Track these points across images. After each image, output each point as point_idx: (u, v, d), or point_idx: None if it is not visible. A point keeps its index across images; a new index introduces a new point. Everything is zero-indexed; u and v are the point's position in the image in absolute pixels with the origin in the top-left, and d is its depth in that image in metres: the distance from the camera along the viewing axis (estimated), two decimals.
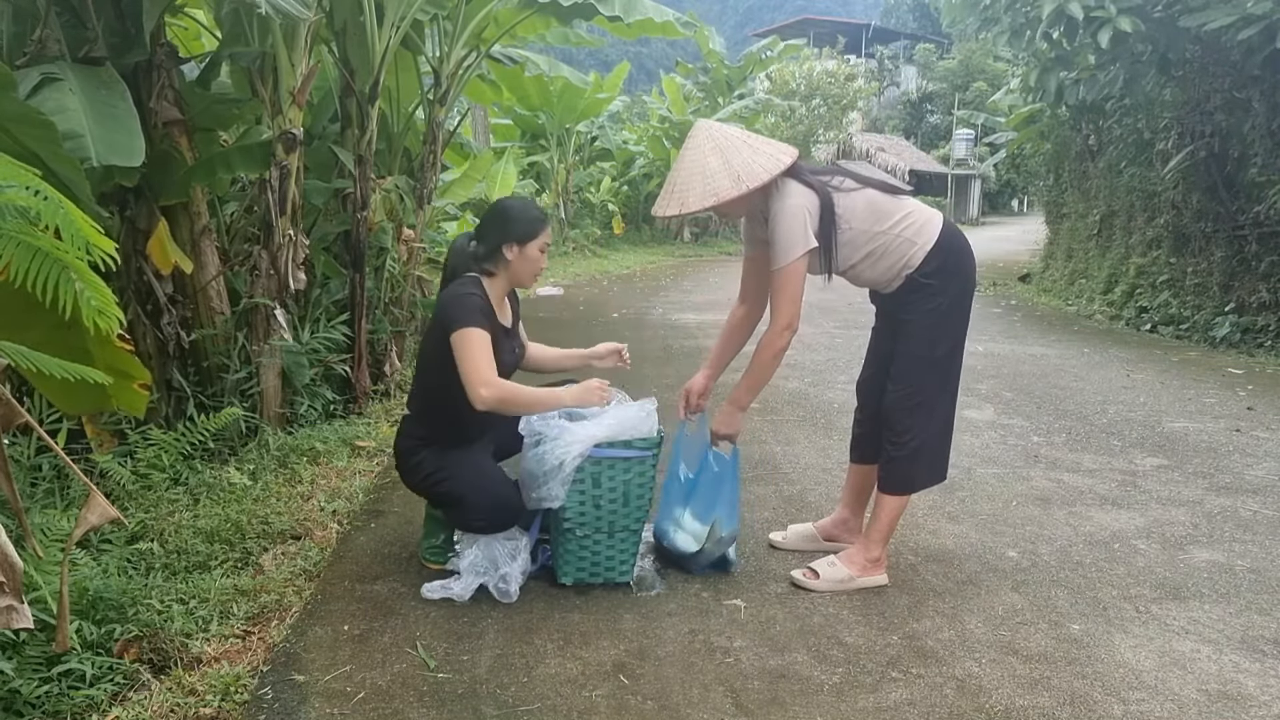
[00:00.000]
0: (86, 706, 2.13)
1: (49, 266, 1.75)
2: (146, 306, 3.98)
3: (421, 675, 2.32)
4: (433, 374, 2.85)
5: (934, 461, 2.91)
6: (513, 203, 2.94)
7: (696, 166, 2.74)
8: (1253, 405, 5.58)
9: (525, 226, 2.83)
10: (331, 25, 4.75)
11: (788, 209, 2.67)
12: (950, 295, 2.78)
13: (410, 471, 2.92)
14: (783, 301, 2.72)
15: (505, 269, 2.86)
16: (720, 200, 2.69)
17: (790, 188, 2.71)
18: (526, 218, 2.85)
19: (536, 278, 2.97)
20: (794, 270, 2.68)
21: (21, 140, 2.50)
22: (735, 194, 2.67)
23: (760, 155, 2.72)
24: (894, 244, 2.74)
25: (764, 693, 2.27)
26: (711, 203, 2.71)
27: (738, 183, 2.67)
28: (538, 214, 2.90)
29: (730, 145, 2.74)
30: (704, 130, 2.81)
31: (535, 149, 16.48)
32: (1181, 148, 8.71)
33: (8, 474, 1.81)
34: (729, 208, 2.76)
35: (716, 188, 2.69)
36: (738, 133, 2.83)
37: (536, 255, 2.86)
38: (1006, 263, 16.47)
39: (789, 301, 2.71)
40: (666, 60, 41.88)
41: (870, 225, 2.74)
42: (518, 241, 2.82)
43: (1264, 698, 2.28)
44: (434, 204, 6.25)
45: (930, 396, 2.82)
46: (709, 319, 9.23)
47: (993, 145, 23.54)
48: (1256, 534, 3.41)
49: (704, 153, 2.75)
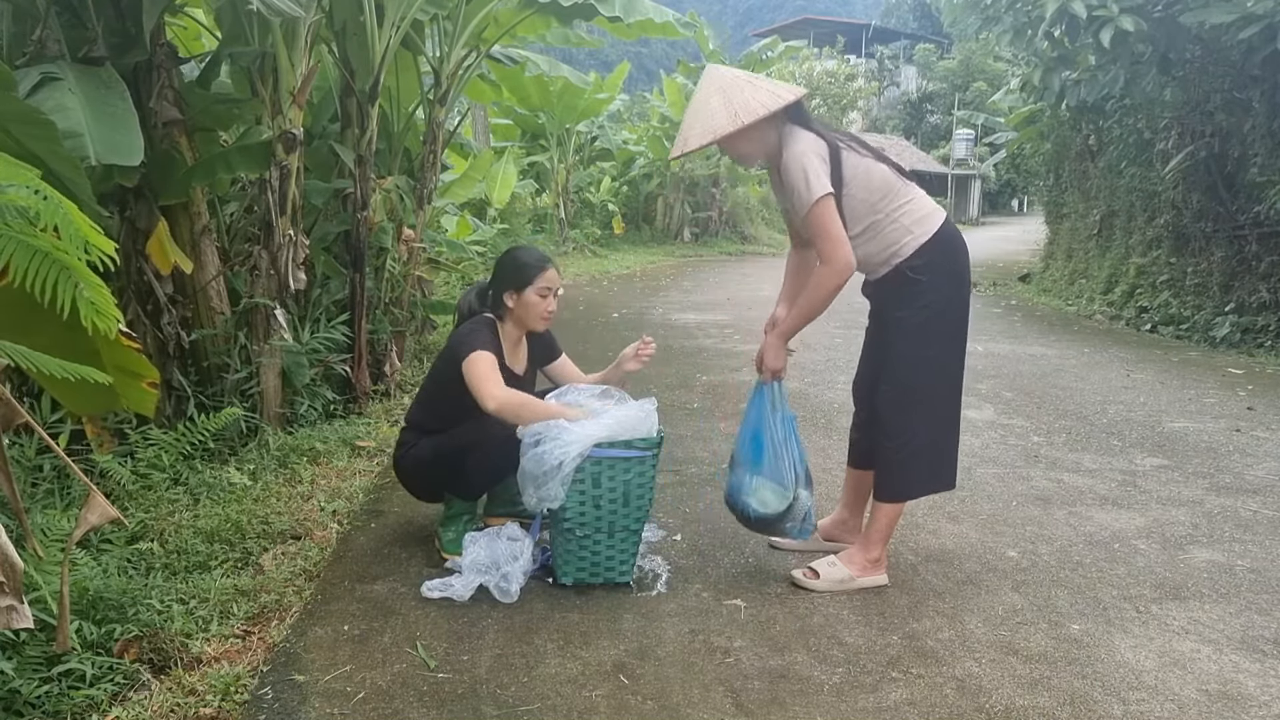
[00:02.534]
0: (86, 706, 2.13)
1: (49, 267, 1.75)
2: (146, 306, 3.98)
3: (421, 675, 2.32)
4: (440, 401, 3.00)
5: (934, 468, 2.87)
6: (514, 251, 3.11)
7: (700, 107, 2.75)
8: (1253, 405, 5.58)
9: (520, 273, 2.99)
10: (331, 25, 4.75)
11: (795, 155, 2.65)
12: (942, 294, 2.75)
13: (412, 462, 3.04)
14: (824, 243, 2.65)
15: (510, 315, 3.03)
16: (717, 137, 2.69)
17: (798, 134, 2.70)
18: (521, 264, 3.01)
19: (546, 321, 3.06)
20: (820, 211, 2.62)
21: (21, 139, 2.49)
22: (731, 129, 2.66)
23: (760, 92, 2.70)
24: (888, 226, 2.72)
25: (764, 693, 2.27)
26: (709, 139, 2.71)
27: (734, 119, 2.66)
28: (535, 260, 3.02)
29: (733, 84, 2.73)
30: (711, 73, 2.82)
31: (535, 149, 16.47)
32: (1182, 148, 8.71)
33: (8, 474, 1.81)
34: (733, 146, 2.77)
35: (715, 125, 2.69)
36: (744, 74, 2.82)
37: (536, 300, 2.99)
38: (1006, 263, 16.47)
39: (831, 242, 2.64)
40: (667, 60, 41.86)
41: (872, 198, 2.72)
42: (515, 289, 3.00)
43: (1264, 698, 2.28)
44: (434, 204, 6.26)
45: (924, 398, 2.79)
46: (709, 319, 9.24)
47: (993, 145, 23.56)
48: (1256, 534, 3.41)
49: (708, 94, 2.75)
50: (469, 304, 3.16)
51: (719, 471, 4.06)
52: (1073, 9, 7.41)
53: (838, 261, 2.64)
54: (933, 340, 2.77)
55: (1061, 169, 12.84)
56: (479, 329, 2.99)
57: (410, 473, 3.11)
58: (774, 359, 2.87)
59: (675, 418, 4.98)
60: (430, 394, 3.14)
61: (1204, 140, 8.41)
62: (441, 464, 3.00)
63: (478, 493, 3.11)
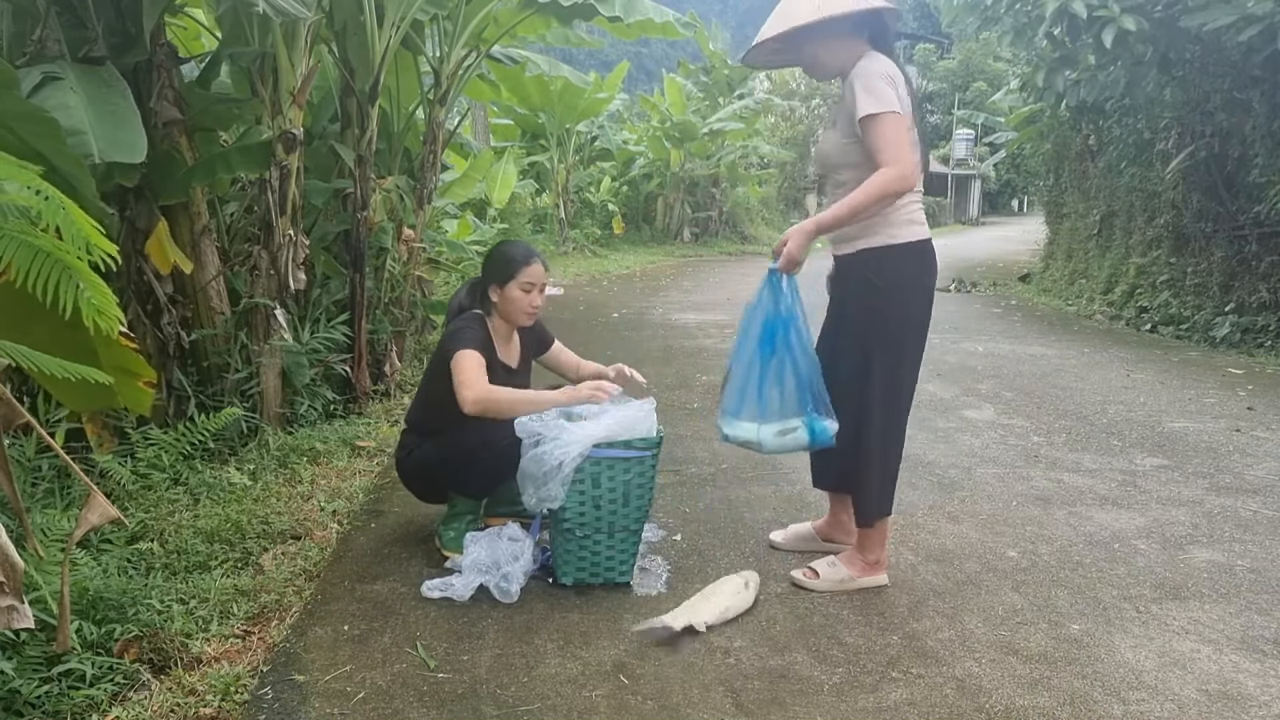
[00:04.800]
0: (86, 706, 2.13)
1: (50, 266, 1.75)
2: (146, 306, 3.99)
3: (421, 675, 2.32)
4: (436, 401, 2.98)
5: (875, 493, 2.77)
6: (501, 245, 3.11)
7: (784, 4, 2.63)
8: (1253, 405, 5.58)
9: (505, 268, 3.00)
10: (331, 25, 4.75)
11: (872, 70, 2.52)
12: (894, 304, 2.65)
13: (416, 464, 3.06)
14: (887, 150, 2.47)
15: (497, 310, 3.04)
16: (794, 25, 2.55)
17: (880, 57, 2.58)
18: (506, 259, 3.02)
19: (531, 315, 3.05)
20: (888, 120, 2.47)
21: (24, 138, 2.50)
22: (811, 19, 2.52)
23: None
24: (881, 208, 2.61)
25: (764, 693, 2.27)
26: (785, 27, 2.57)
27: (816, 9, 2.53)
28: (519, 255, 3.01)
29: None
30: None
31: (535, 149, 16.47)
32: (1182, 148, 8.71)
33: (8, 474, 1.81)
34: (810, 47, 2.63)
35: (795, 13, 2.56)
36: None
37: (519, 295, 2.99)
38: (1006, 263, 16.47)
39: (893, 147, 2.46)
40: (667, 60, 41.83)
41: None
42: (498, 283, 3.01)
43: (1264, 698, 2.28)
44: (434, 204, 6.26)
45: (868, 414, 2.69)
46: (709, 319, 9.23)
47: (993, 145, 23.58)
48: (1256, 534, 3.41)
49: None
50: (460, 301, 3.16)
51: (719, 471, 4.07)
52: (1073, 9, 7.41)
53: (904, 165, 2.48)
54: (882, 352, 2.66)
55: (1061, 169, 12.84)
56: (466, 326, 2.99)
57: (414, 475, 3.12)
58: (797, 247, 2.62)
59: (675, 418, 4.98)
60: (427, 394, 3.14)
61: (1204, 140, 8.41)
62: (447, 467, 3.00)
63: (483, 493, 3.11)
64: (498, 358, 3.05)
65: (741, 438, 2.73)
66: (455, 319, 3.09)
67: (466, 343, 2.90)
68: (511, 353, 3.14)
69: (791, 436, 2.68)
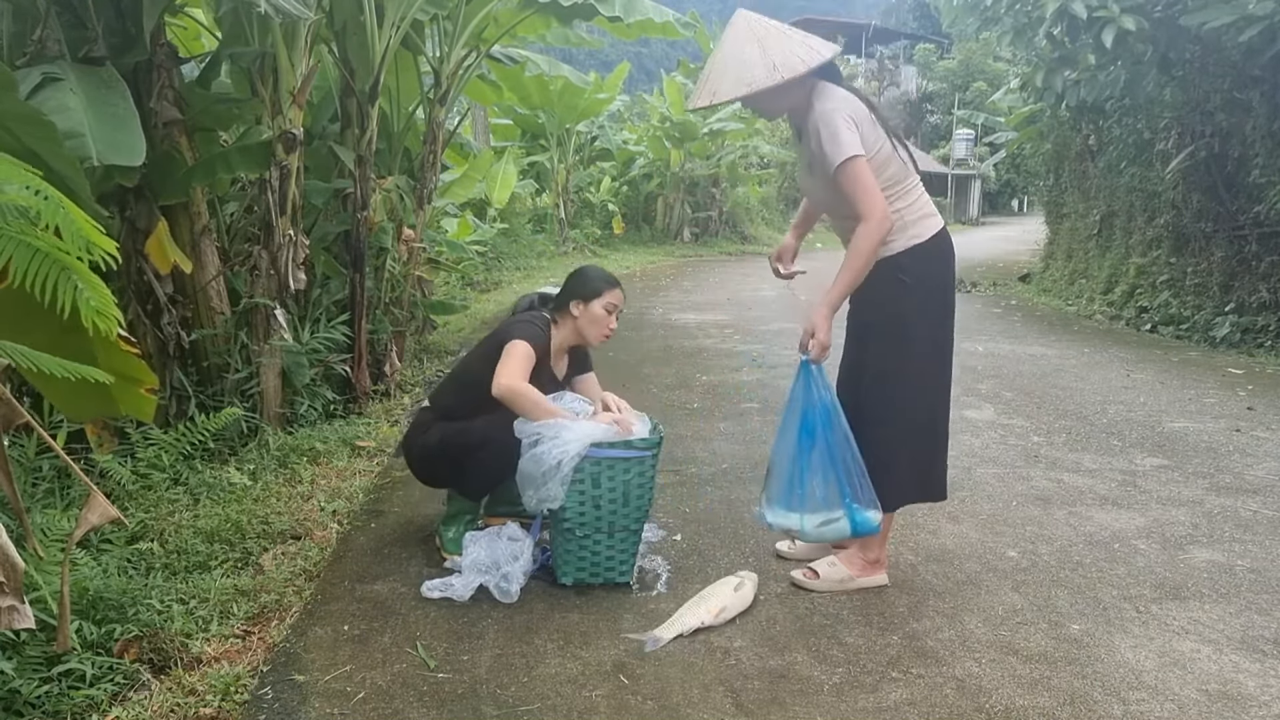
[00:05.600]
0: (86, 706, 2.13)
1: (49, 267, 1.75)
2: (146, 306, 3.99)
3: (421, 675, 2.32)
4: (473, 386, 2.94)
5: (919, 477, 2.80)
6: (587, 268, 3.18)
7: (733, 55, 2.61)
8: (1253, 405, 5.58)
9: (590, 285, 3.04)
10: (331, 25, 4.75)
11: (825, 112, 2.55)
12: (922, 299, 2.68)
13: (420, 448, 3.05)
14: (860, 198, 2.53)
15: (570, 322, 3.05)
16: (753, 90, 2.56)
17: (829, 90, 2.61)
18: (592, 278, 3.08)
19: (604, 336, 3.07)
20: (853, 169, 2.52)
21: (22, 139, 2.50)
22: (769, 84, 2.54)
23: (797, 45, 2.59)
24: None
25: (764, 693, 2.27)
26: (744, 92, 2.57)
27: (773, 72, 2.53)
28: (606, 277, 3.09)
29: (769, 34, 2.61)
30: (743, 19, 2.67)
31: (535, 149, 16.47)
32: (1182, 148, 8.71)
33: (9, 474, 1.81)
34: (765, 101, 2.65)
35: (751, 77, 2.55)
36: (777, 24, 2.69)
37: (601, 314, 3.03)
38: (1006, 263, 16.47)
39: (867, 195, 2.52)
40: (667, 60, 41.84)
41: (883, 174, 2.62)
42: (583, 299, 3.03)
43: (1264, 698, 2.28)
44: (434, 204, 6.26)
45: (903, 404, 2.72)
46: (709, 319, 9.23)
47: (993, 145, 23.58)
48: (1256, 534, 3.41)
49: (741, 41, 2.61)
50: (530, 301, 3.20)
51: (719, 471, 4.07)
52: (1073, 9, 7.40)
53: (875, 214, 2.52)
54: (916, 344, 2.70)
55: (1061, 169, 12.83)
56: (533, 322, 3.00)
57: (416, 457, 3.12)
58: (826, 333, 2.64)
59: (675, 418, 4.98)
60: (464, 374, 3.15)
61: (1204, 140, 8.41)
62: (445, 457, 2.99)
63: (478, 493, 3.10)
64: (549, 365, 3.05)
65: (784, 525, 2.77)
66: (522, 314, 3.11)
67: (529, 337, 2.90)
68: (561, 366, 3.14)
69: (833, 527, 2.69)
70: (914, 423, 2.76)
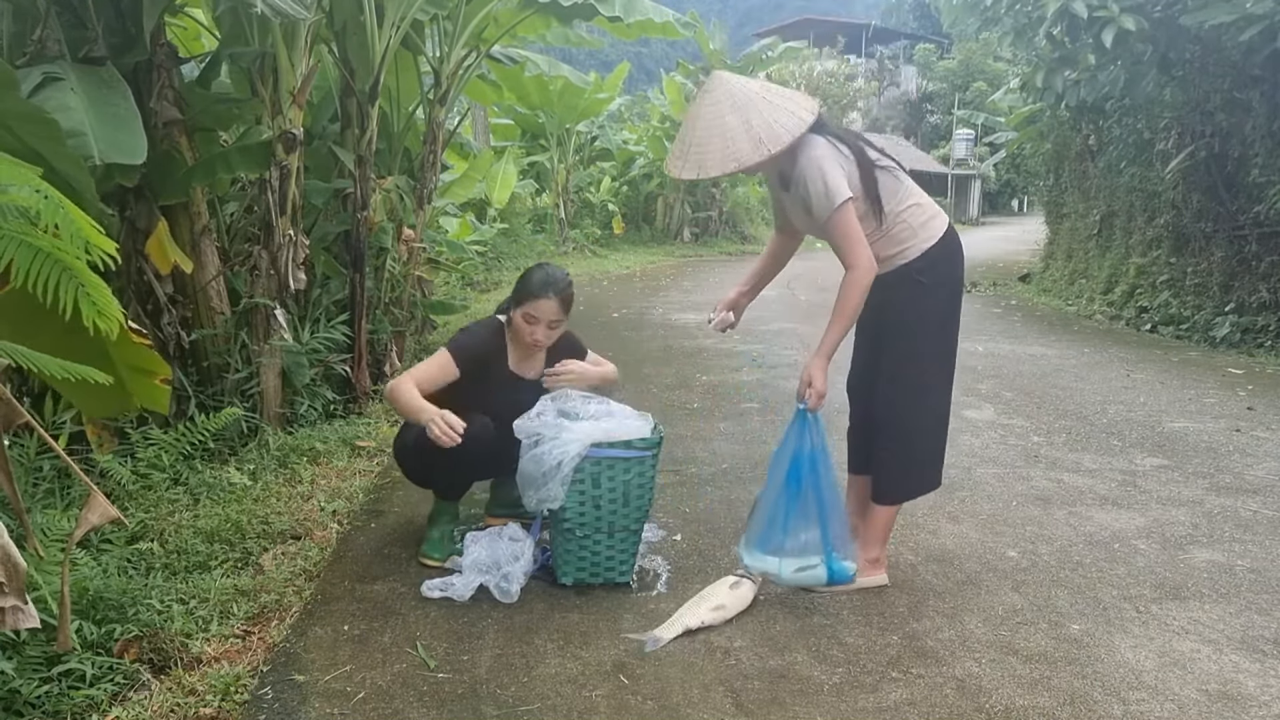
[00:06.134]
0: (86, 706, 2.13)
1: (50, 267, 1.75)
2: (146, 306, 3.99)
3: (421, 675, 2.32)
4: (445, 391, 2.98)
5: (926, 469, 2.87)
6: (532, 268, 3.09)
7: (715, 125, 2.58)
8: (1253, 405, 5.58)
9: (518, 291, 2.99)
10: (331, 25, 4.75)
11: (812, 160, 2.56)
12: (942, 297, 2.76)
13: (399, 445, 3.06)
14: (847, 248, 2.58)
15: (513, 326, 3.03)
16: (741, 166, 2.57)
17: (812, 140, 2.60)
18: (522, 283, 3.00)
19: (531, 346, 3.01)
20: (841, 218, 2.56)
21: (24, 138, 2.50)
22: (756, 159, 2.54)
23: (781, 113, 2.57)
24: (895, 228, 2.69)
25: (764, 693, 2.27)
26: (732, 168, 2.58)
27: (758, 147, 2.53)
28: (536, 284, 2.96)
29: (750, 103, 2.58)
30: (721, 85, 2.64)
31: (535, 149, 16.47)
32: (1182, 148, 8.71)
33: (9, 474, 1.81)
34: (752, 170, 2.65)
35: (736, 152, 2.55)
36: (757, 87, 2.66)
37: (520, 324, 2.97)
38: (1006, 263, 16.46)
39: (854, 245, 2.57)
40: (667, 60, 41.85)
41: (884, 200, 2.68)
42: (514, 304, 3.00)
43: (1264, 698, 2.28)
44: (434, 204, 6.26)
45: (925, 399, 2.80)
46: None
47: (993, 145, 23.59)
48: (1256, 534, 3.41)
49: (722, 110, 2.59)
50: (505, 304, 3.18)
51: (719, 471, 4.07)
52: (1073, 9, 7.41)
53: (861, 265, 2.58)
54: (931, 342, 2.77)
55: (1061, 169, 12.83)
56: (478, 328, 3.03)
57: (397, 456, 3.16)
58: (823, 382, 2.69)
59: (675, 418, 4.98)
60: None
61: (1204, 140, 8.41)
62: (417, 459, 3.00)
63: (449, 492, 3.08)
64: (507, 366, 3.05)
65: (759, 569, 2.78)
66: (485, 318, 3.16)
67: (456, 344, 2.95)
68: (532, 365, 3.11)
69: (809, 573, 2.73)
70: (932, 415, 2.83)
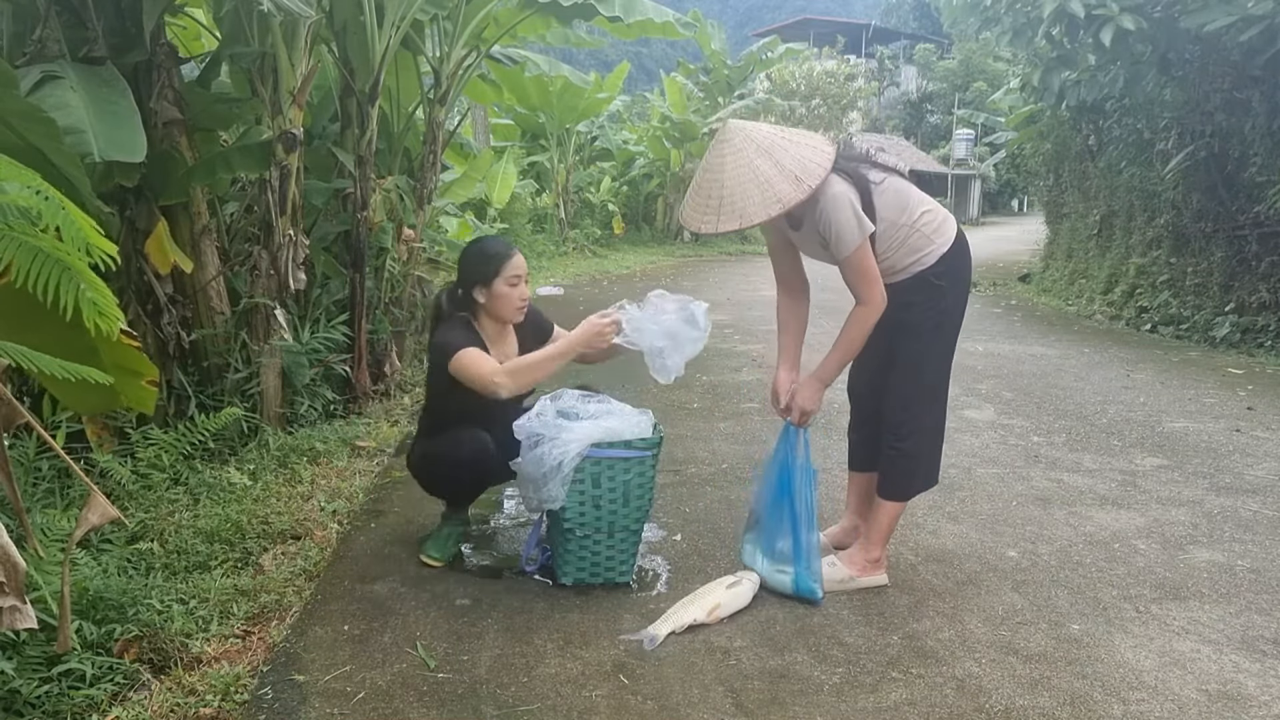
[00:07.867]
0: (86, 706, 2.13)
1: (50, 267, 1.75)
2: (146, 306, 3.99)
3: (421, 675, 2.32)
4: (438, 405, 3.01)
5: (932, 465, 2.92)
6: (477, 244, 3.02)
7: (746, 172, 2.53)
8: (1253, 405, 5.58)
9: (484, 267, 2.91)
10: (331, 25, 4.75)
11: (833, 198, 2.56)
12: (955, 298, 2.80)
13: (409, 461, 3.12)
14: (863, 286, 2.64)
15: (484, 311, 2.96)
16: (786, 207, 2.50)
17: (831, 179, 2.59)
18: (486, 256, 2.92)
19: (520, 310, 2.98)
20: (859, 256, 2.60)
21: (24, 136, 2.50)
22: (800, 197, 2.49)
23: (805, 149, 2.57)
24: (910, 237, 2.71)
25: (764, 693, 2.27)
26: (778, 210, 2.50)
27: (798, 185, 2.50)
28: (499, 250, 2.93)
29: (774, 145, 2.56)
30: (740, 132, 2.59)
31: (535, 149, 16.46)
32: (1181, 148, 8.71)
33: (9, 474, 1.81)
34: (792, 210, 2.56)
35: (778, 193, 2.50)
36: (771, 130, 2.64)
37: (506, 290, 2.91)
38: (1006, 263, 16.46)
39: (870, 281, 2.63)
40: (667, 60, 41.87)
41: (894, 216, 2.69)
42: (482, 283, 2.92)
43: (1264, 698, 2.28)
44: (434, 204, 6.26)
45: (935, 397, 2.85)
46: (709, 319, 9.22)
47: (993, 145, 23.57)
48: (1256, 534, 3.41)
49: (748, 156, 2.54)
50: (439, 307, 3.07)
51: (719, 471, 4.07)
52: (1071, 9, 7.40)
53: (875, 300, 2.65)
54: (943, 341, 2.82)
55: (1061, 169, 12.83)
56: (453, 328, 2.90)
57: (411, 469, 3.17)
58: (811, 400, 2.77)
59: (675, 418, 4.98)
60: (429, 401, 3.14)
61: (1204, 140, 8.41)
62: (421, 471, 3.07)
63: (451, 500, 3.10)
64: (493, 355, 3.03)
65: (747, 563, 2.93)
66: (438, 328, 2.99)
67: (459, 342, 2.82)
68: (507, 349, 3.03)
69: (782, 578, 2.82)
70: (940, 412, 2.89)
